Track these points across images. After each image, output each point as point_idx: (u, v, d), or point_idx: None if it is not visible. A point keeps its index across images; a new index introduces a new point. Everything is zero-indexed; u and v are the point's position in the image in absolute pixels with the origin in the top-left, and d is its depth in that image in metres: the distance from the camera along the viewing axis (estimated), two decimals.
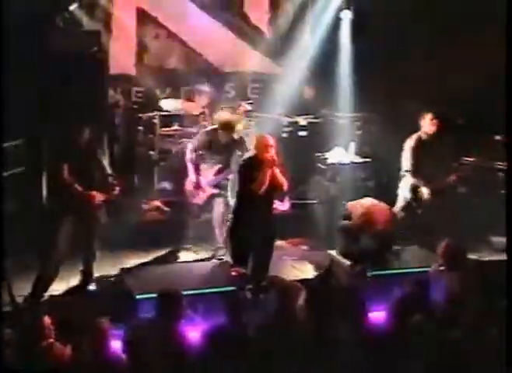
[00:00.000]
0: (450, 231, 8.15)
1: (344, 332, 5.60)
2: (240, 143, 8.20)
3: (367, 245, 8.03)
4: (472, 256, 7.25)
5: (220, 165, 8.25)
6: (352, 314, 5.89)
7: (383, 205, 8.21)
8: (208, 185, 8.28)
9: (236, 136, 8.23)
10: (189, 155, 8.31)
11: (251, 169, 7.23)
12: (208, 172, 8.30)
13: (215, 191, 8.28)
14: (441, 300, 6.26)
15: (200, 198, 8.33)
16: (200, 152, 8.26)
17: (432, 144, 8.48)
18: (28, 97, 8.10)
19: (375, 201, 8.21)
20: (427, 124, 8.49)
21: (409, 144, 8.50)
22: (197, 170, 8.26)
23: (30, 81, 8.11)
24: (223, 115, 8.37)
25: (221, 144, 8.18)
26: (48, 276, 7.21)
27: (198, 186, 8.27)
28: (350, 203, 8.28)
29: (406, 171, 8.51)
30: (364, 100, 9.92)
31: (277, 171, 7.28)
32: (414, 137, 8.54)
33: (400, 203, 8.59)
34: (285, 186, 7.40)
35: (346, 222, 8.17)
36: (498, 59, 8.26)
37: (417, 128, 8.60)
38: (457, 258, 6.93)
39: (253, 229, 7.22)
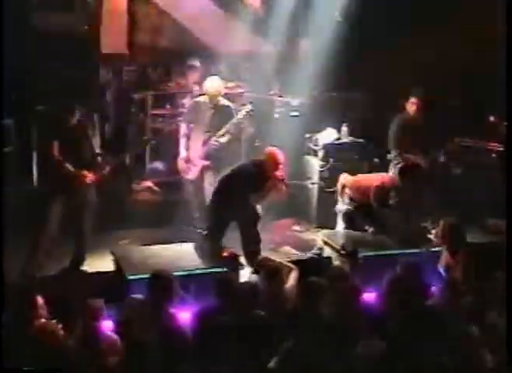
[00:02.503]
0: (443, 212, 8.21)
1: (335, 315, 5.62)
2: (227, 109, 8.25)
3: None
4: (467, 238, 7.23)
5: (208, 135, 8.22)
6: (343, 295, 5.91)
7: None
8: (198, 158, 8.26)
9: (222, 102, 8.27)
10: (182, 131, 8.33)
11: (255, 179, 7.20)
12: (197, 144, 8.27)
13: (206, 163, 8.25)
14: (434, 282, 6.29)
15: (192, 173, 8.31)
16: (191, 125, 8.25)
17: (416, 125, 8.50)
18: (18, 76, 8.03)
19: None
20: (408, 105, 8.52)
21: (393, 125, 8.52)
22: (187, 145, 8.24)
23: (21, 60, 8.04)
24: (212, 80, 8.36)
25: (208, 112, 8.19)
26: (39, 256, 7.19)
27: (188, 160, 8.26)
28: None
29: (393, 152, 8.51)
30: (356, 80, 9.89)
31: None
32: (397, 118, 8.56)
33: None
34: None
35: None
36: (492, 39, 8.32)
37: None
38: (456, 238, 6.95)
39: (233, 211, 7.24)
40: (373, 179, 8.27)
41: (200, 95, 8.74)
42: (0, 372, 4.79)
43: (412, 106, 8.58)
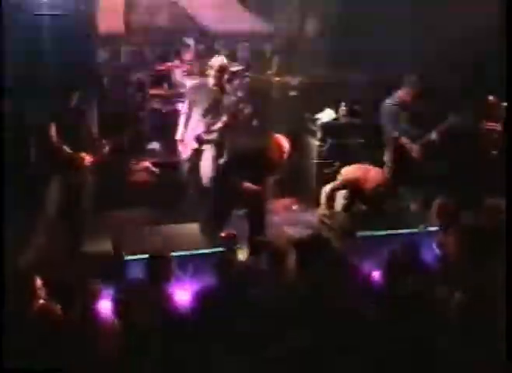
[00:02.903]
0: (440, 192, 8.21)
1: (336, 295, 5.64)
2: (227, 96, 8.20)
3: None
4: (465, 218, 7.24)
5: (209, 117, 8.20)
6: (342, 275, 5.94)
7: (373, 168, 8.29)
8: (193, 139, 8.23)
9: (226, 88, 8.22)
10: (183, 109, 8.31)
11: (259, 167, 7.18)
12: (196, 125, 8.25)
13: (199, 145, 8.21)
14: (432, 261, 6.30)
15: (186, 153, 8.30)
16: (192, 105, 8.23)
17: (408, 112, 8.44)
18: (15, 59, 7.99)
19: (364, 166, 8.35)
20: (401, 93, 8.43)
21: (386, 108, 8.44)
22: (186, 124, 8.22)
23: (17, 42, 7.99)
24: (218, 58, 8.30)
25: (211, 93, 8.13)
26: (38, 239, 7.21)
27: (183, 139, 8.25)
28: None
29: (388, 134, 8.48)
30: (356, 61, 9.85)
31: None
32: (389, 101, 8.47)
33: (387, 167, 8.59)
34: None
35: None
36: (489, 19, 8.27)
37: None
38: (447, 216, 6.96)
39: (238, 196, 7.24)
40: (369, 180, 8.26)
41: (203, 75, 8.68)
42: (0, 372, 4.81)
43: (404, 94, 8.45)
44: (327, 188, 8.51)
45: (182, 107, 8.41)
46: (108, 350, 5.13)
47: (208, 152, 8.18)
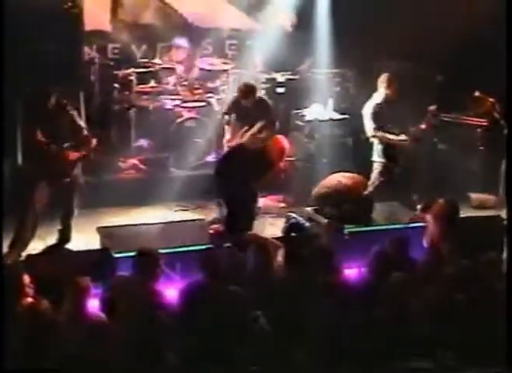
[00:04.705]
0: (427, 188, 8.26)
1: (321, 289, 5.66)
2: (261, 105, 8.21)
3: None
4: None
5: (245, 129, 8.17)
6: (328, 271, 5.96)
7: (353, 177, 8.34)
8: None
9: (259, 99, 8.24)
10: (225, 120, 8.43)
11: (258, 166, 7.18)
12: (235, 136, 8.28)
13: None
14: (420, 257, 6.33)
15: None
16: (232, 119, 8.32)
17: (393, 103, 8.41)
18: None
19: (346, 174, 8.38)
20: (385, 85, 8.34)
21: (370, 105, 8.38)
22: (232, 132, 8.31)
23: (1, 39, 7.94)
24: (244, 82, 8.38)
25: (244, 110, 8.18)
26: (25, 236, 7.19)
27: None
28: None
29: (373, 132, 8.44)
30: (342, 56, 9.86)
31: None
32: (374, 98, 8.42)
33: (376, 166, 8.57)
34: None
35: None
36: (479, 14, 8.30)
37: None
38: (446, 213, 6.97)
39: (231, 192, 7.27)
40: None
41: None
42: (0, 372, 4.80)
43: (385, 84, 8.31)
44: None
45: (226, 116, 8.50)
46: (97, 347, 5.12)
47: None
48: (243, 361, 5.15)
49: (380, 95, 8.28)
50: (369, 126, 8.26)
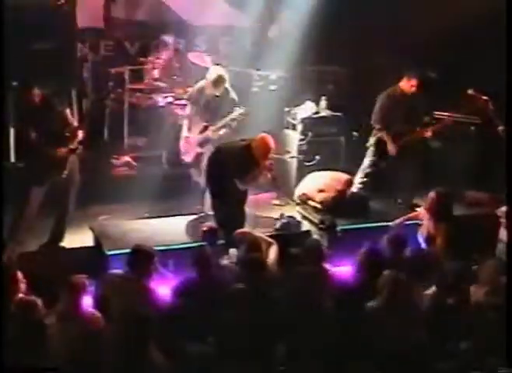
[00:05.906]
0: (419, 185, 8.28)
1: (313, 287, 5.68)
2: (232, 101, 8.14)
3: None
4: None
5: (206, 123, 8.18)
6: (320, 269, 5.99)
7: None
8: (194, 144, 8.20)
9: (228, 93, 8.16)
10: (186, 112, 8.31)
11: (242, 165, 7.17)
12: (196, 129, 8.21)
13: (200, 150, 8.18)
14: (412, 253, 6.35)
15: (190, 156, 8.28)
16: (194, 109, 8.20)
17: (405, 101, 8.45)
18: None
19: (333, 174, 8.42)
20: (404, 83, 8.42)
21: (382, 99, 8.47)
22: (189, 126, 8.21)
23: None
24: (216, 69, 8.26)
25: (212, 99, 8.10)
26: (20, 232, 7.18)
27: (188, 142, 8.22)
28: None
29: (376, 126, 8.53)
30: (335, 54, 9.86)
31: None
32: (388, 92, 8.49)
33: (367, 159, 8.62)
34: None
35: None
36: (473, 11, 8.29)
37: (388, 82, 8.59)
38: (442, 208, 6.99)
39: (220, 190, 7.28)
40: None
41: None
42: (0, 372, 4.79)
43: (408, 84, 8.40)
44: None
45: (187, 108, 8.40)
46: (92, 345, 5.13)
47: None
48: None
49: (397, 91, 8.40)
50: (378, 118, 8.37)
